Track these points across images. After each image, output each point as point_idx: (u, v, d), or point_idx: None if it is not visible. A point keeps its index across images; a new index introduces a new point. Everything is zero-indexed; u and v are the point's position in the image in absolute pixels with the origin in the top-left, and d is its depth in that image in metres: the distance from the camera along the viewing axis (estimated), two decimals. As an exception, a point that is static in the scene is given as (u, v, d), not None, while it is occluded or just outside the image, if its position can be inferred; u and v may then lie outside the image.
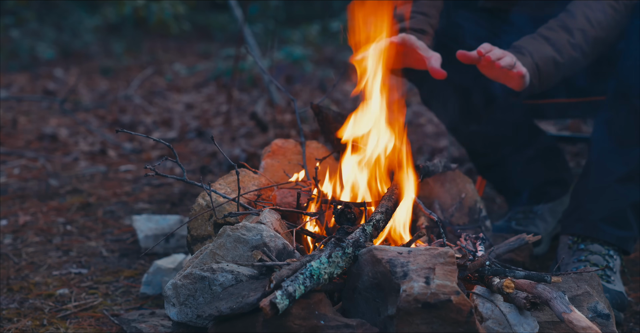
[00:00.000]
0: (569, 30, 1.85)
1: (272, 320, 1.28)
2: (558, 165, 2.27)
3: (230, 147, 3.55)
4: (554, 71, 1.83)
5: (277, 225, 1.57)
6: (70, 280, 2.06)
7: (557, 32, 1.85)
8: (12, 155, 3.50)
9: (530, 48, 1.80)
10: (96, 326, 1.77)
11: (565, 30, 1.85)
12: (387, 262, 1.33)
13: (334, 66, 5.93)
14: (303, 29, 6.83)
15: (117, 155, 3.58)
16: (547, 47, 1.82)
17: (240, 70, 4.63)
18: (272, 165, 1.89)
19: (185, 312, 1.44)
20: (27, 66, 6.30)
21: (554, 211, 2.25)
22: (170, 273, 1.93)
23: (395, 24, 1.86)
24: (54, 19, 7.51)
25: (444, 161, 1.96)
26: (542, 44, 1.82)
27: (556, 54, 1.82)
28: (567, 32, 1.85)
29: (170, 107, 4.80)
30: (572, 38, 1.84)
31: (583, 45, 1.86)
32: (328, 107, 1.97)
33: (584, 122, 3.53)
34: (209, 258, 1.48)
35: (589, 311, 1.45)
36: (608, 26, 1.89)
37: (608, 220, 1.86)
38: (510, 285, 1.40)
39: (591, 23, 1.86)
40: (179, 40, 7.75)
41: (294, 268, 1.33)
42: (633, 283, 1.99)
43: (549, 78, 1.83)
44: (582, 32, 1.85)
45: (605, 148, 1.91)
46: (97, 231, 2.47)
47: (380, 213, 1.55)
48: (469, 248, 1.55)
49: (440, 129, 3.87)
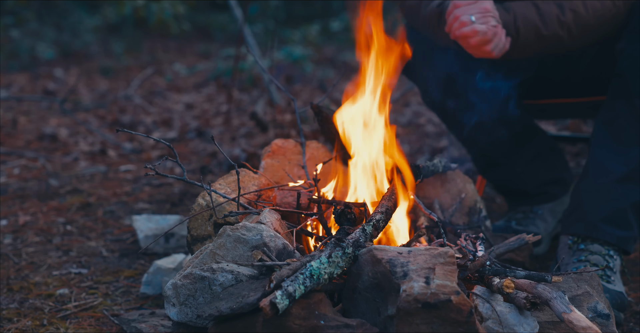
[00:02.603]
0: (561, 7, 1.85)
1: (272, 320, 1.28)
2: (558, 165, 2.27)
3: (230, 147, 3.55)
4: (534, 40, 1.83)
5: (277, 225, 1.57)
6: (70, 280, 2.06)
7: (550, 5, 1.85)
8: (12, 155, 3.50)
9: (517, 9, 1.81)
10: (96, 326, 1.77)
11: (558, 6, 1.85)
12: (387, 262, 1.33)
13: (334, 66, 5.93)
14: (303, 29, 6.84)
15: (117, 155, 3.58)
16: (534, 15, 1.82)
17: (240, 70, 4.63)
18: (272, 165, 1.89)
19: (185, 312, 1.44)
20: (27, 66, 6.30)
21: (554, 211, 2.25)
22: (170, 273, 1.93)
23: None
24: (54, 19, 7.51)
25: (444, 161, 1.96)
26: (530, 10, 1.83)
27: (541, 23, 1.82)
28: (560, 8, 1.85)
29: (170, 107, 4.80)
30: (562, 15, 1.84)
31: (572, 25, 1.85)
32: (328, 107, 1.97)
33: (584, 122, 3.53)
34: (209, 258, 1.48)
35: (589, 311, 1.45)
36: (602, 16, 1.88)
37: (608, 220, 1.86)
38: (510, 285, 1.40)
39: (586, 7, 1.86)
40: (179, 40, 7.75)
41: (294, 268, 1.33)
42: (633, 283, 1.99)
43: (527, 46, 1.83)
44: (574, 13, 1.85)
45: (606, 148, 1.91)
46: (97, 231, 2.47)
47: (380, 213, 1.55)
48: (469, 248, 1.55)
49: (440, 129, 3.87)
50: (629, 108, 1.87)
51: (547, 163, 2.25)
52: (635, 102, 1.85)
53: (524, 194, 2.26)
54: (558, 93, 2.18)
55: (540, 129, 2.29)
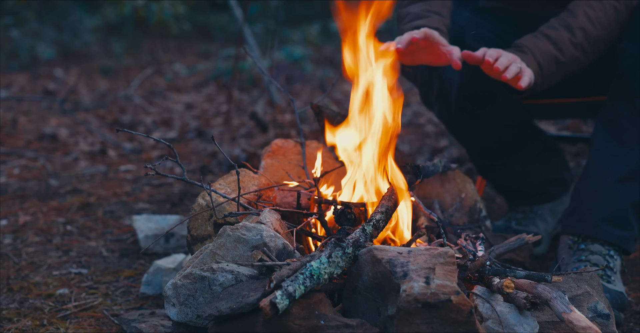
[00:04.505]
0: (570, 29, 1.85)
1: (272, 320, 1.28)
2: (558, 165, 2.27)
3: (230, 147, 3.55)
4: (556, 69, 1.83)
5: (277, 225, 1.57)
6: (70, 280, 2.06)
7: (559, 30, 1.85)
8: (12, 155, 3.50)
9: (532, 46, 1.81)
10: (96, 326, 1.77)
11: (567, 28, 1.85)
12: (387, 262, 1.33)
13: (334, 66, 5.93)
14: (303, 29, 6.84)
15: (117, 155, 3.58)
16: (549, 45, 1.82)
17: (240, 70, 4.63)
18: (272, 165, 1.89)
19: (185, 312, 1.44)
20: (27, 66, 6.30)
21: (554, 211, 2.25)
22: (170, 273, 1.93)
23: (409, 22, 1.88)
24: (54, 19, 7.52)
25: (444, 161, 1.95)
26: (544, 42, 1.83)
27: (558, 52, 1.83)
28: (569, 30, 1.85)
29: (170, 107, 4.80)
30: (573, 37, 1.85)
31: (584, 44, 1.86)
32: (328, 106, 1.97)
33: (584, 122, 3.53)
34: (209, 258, 1.48)
35: (589, 311, 1.45)
36: (609, 26, 1.89)
37: (608, 220, 1.86)
38: (510, 285, 1.40)
39: (592, 22, 1.87)
40: (179, 40, 7.75)
41: (294, 268, 1.33)
42: (633, 283, 1.99)
43: (551, 76, 1.84)
44: (583, 31, 1.86)
45: (606, 148, 1.91)
46: (97, 231, 2.47)
47: (380, 213, 1.55)
48: (469, 248, 1.55)
49: (440, 129, 3.87)
50: (630, 108, 1.87)
51: (547, 163, 2.25)
52: (636, 102, 1.85)
53: (524, 194, 2.26)
54: (558, 93, 2.18)
55: (540, 129, 2.29)
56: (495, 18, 2.17)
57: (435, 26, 1.85)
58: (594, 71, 2.08)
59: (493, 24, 2.14)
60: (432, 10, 1.94)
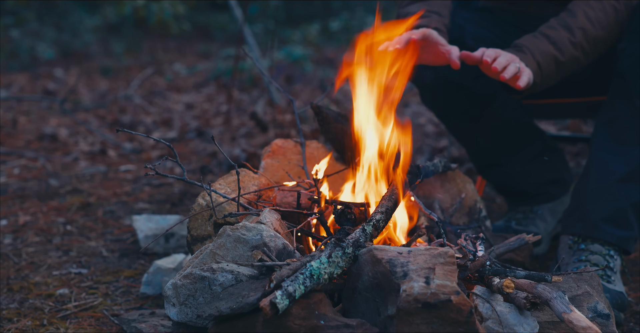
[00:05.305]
0: (569, 29, 1.85)
1: (272, 320, 1.28)
2: (558, 165, 2.27)
3: (230, 147, 3.55)
4: (555, 69, 1.84)
5: (277, 225, 1.57)
6: (70, 280, 2.06)
7: (558, 30, 1.85)
8: (12, 155, 3.50)
9: (531, 46, 1.81)
10: (96, 326, 1.77)
11: (566, 28, 1.85)
12: (387, 262, 1.33)
13: (334, 66, 5.93)
14: (303, 29, 6.84)
15: (117, 155, 3.58)
16: (548, 45, 1.82)
17: (240, 70, 4.63)
18: (272, 165, 1.89)
19: (185, 312, 1.44)
20: (27, 66, 6.30)
21: (554, 211, 2.25)
22: (170, 273, 1.93)
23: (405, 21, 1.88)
24: (54, 19, 7.52)
25: (444, 161, 1.95)
26: (544, 42, 1.83)
27: (557, 52, 1.83)
28: (568, 30, 1.85)
29: (170, 107, 4.80)
30: (573, 37, 1.85)
31: (584, 44, 1.86)
32: (328, 107, 1.97)
33: (584, 122, 3.53)
34: (209, 258, 1.48)
35: (589, 311, 1.45)
36: (609, 26, 1.89)
37: (609, 220, 1.86)
38: (510, 285, 1.40)
39: (592, 22, 1.87)
40: (179, 40, 7.75)
41: (294, 268, 1.33)
42: (633, 283, 1.99)
43: (550, 76, 1.84)
44: (582, 31, 1.86)
45: (606, 148, 1.91)
46: (97, 231, 2.47)
47: (380, 213, 1.55)
48: (469, 248, 1.55)
49: (440, 129, 3.87)
50: (630, 108, 1.87)
51: (547, 163, 2.25)
52: (636, 102, 1.85)
53: (524, 194, 2.26)
54: (558, 93, 2.18)
55: (540, 129, 2.29)
56: (495, 18, 2.17)
57: (434, 26, 1.86)
58: (594, 71, 2.08)
59: (493, 24, 2.14)
60: (432, 10, 1.94)
